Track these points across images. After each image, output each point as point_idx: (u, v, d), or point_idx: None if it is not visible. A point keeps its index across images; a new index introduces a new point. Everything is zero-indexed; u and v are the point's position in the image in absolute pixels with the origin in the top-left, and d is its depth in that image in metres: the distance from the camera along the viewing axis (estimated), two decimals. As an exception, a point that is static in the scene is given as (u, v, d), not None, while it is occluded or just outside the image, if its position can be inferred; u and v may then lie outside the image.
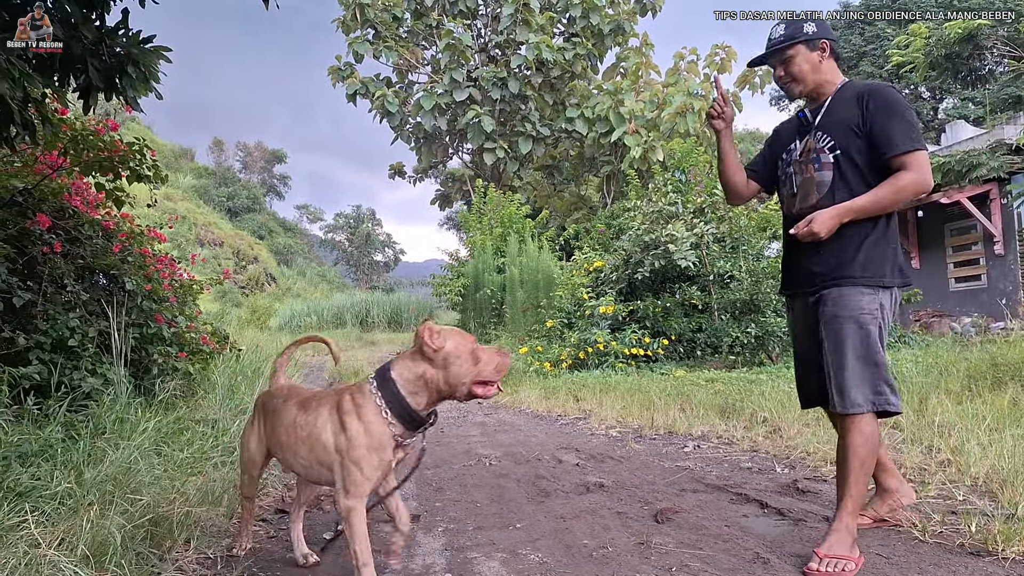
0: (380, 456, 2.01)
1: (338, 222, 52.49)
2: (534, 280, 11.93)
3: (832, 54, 2.50)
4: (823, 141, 2.43)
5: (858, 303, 2.30)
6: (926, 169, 2.28)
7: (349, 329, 21.19)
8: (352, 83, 17.06)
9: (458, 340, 2.02)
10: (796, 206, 2.49)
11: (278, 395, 2.37)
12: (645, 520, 2.91)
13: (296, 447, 2.15)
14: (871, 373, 2.26)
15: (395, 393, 2.00)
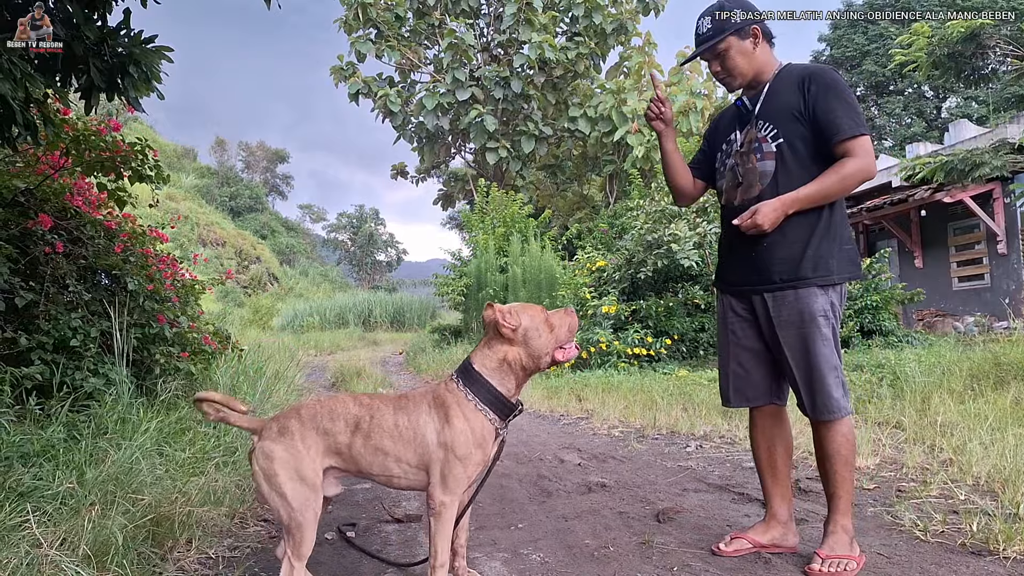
0: (483, 451, 2.02)
1: (341, 222, 52.55)
2: (537, 280, 11.93)
3: (764, 37, 2.38)
4: (765, 129, 2.33)
5: (814, 306, 2.23)
6: (870, 154, 2.19)
7: (352, 329, 21.21)
8: (354, 83, 17.07)
9: (531, 313, 2.06)
10: (738, 198, 2.39)
11: (334, 407, 2.08)
12: (647, 520, 2.91)
13: (400, 451, 2.01)
14: (833, 378, 2.22)
15: (483, 384, 2.02)
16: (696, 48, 2.43)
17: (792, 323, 2.26)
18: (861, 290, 9.97)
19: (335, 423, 2.02)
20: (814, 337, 2.23)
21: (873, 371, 6.50)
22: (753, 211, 2.23)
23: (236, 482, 3.19)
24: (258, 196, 44.26)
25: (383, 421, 2.02)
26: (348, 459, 2.03)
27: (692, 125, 14.92)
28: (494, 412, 2.02)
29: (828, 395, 2.21)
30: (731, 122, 2.51)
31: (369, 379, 9.27)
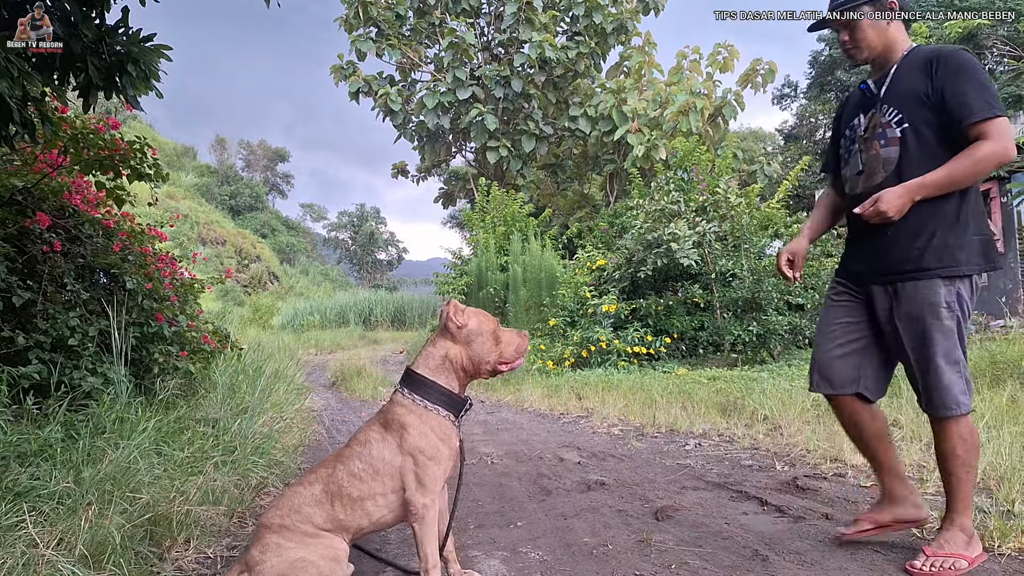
0: (449, 446, 2.06)
1: (342, 220, 52.56)
2: (537, 279, 11.93)
3: (900, 15, 2.28)
4: (890, 114, 2.22)
5: (936, 298, 2.13)
6: (1008, 137, 2.06)
7: (352, 328, 21.20)
8: (355, 81, 17.06)
9: (480, 319, 2.10)
10: (860, 186, 2.30)
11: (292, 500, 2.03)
12: (646, 518, 2.91)
13: (372, 488, 2.00)
14: (955, 374, 2.13)
15: (428, 384, 2.06)
16: (828, 11, 2.34)
17: (913, 316, 2.17)
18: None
19: (304, 511, 1.99)
20: (935, 330, 2.13)
21: (872, 370, 6.49)
22: (875, 199, 2.14)
23: (235, 482, 3.19)
24: (258, 195, 44.25)
25: (340, 477, 2.01)
26: (339, 530, 2.01)
27: (692, 125, 14.90)
28: (445, 409, 2.05)
29: (946, 390, 2.12)
30: (855, 107, 2.41)
31: (369, 378, 9.27)
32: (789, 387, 5.93)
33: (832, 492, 3.14)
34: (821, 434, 4.14)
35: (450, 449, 2.06)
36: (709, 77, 16.09)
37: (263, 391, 4.65)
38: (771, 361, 8.29)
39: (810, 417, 4.70)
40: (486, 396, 7.97)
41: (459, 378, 2.10)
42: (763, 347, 8.49)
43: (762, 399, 5.32)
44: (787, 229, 10.63)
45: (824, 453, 3.81)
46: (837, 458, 3.71)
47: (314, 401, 6.83)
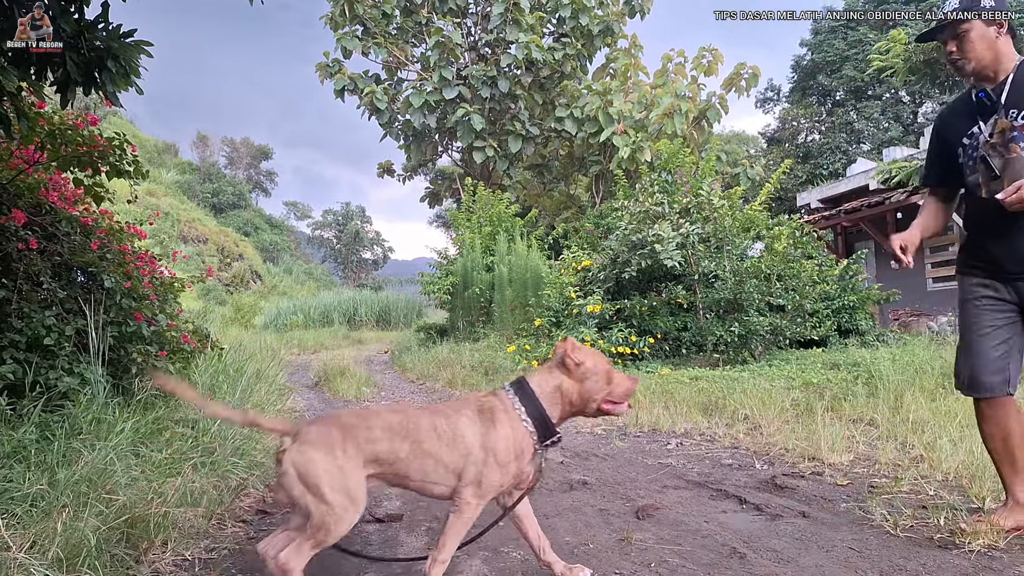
0: (519, 464, 2.08)
1: (326, 219, 52.27)
2: (523, 279, 11.93)
3: (1008, 30, 2.34)
4: (1022, 118, 2.28)
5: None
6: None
7: (336, 327, 21.09)
8: (340, 79, 16.97)
9: (596, 359, 2.16)
10: (1004, 188, 2.29)
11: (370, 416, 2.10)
12: (627, 517, 2.93)
13: (441, 454, 2.03)
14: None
15: (534, 401, 2.10)
16: (938, 23, 2.38)
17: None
18: (839, 290, 10.09)
19: (372, 431, 2.03)
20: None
21: (849, 370, 6.58)
22: (1019, 186, 2.17)
23: (214, 483, 3.17)
24: (241, 193, 43.89)
25: (422, 425, 2.05)
26: (387, 467, 2.03)
27: (677, 127, 14.99)
28: (536, 429, 2.08)
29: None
30: (967, 116, 2.45)
31: (353, 378, 9.23)
32: (769, 387, 6.00)
33: (809, 491, 3.18)
34: (800, 433, 4.19)
35: (518, 467, 2.08)
36: (694, 80, 16.19)
37: (244, 391, 4.62)
38: (752, 361, 8.36)
39: (789, 416, 4.75)
40: (470, 396, 7.97)
41: (564, 411, 2.15)
42: (744, 347, 8.56)
43: (743, 399, 5.37)
44: (768, 231, 10.71)
45: (802, 452, 3.85)
46: (815, 457, 3.75)
47: (296, 402, 6.80)
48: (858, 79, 27.07)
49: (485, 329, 12.14)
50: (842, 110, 29.33)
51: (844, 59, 28.49)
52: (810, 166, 27.81)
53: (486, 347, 10.61)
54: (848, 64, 28.07)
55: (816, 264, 10.22)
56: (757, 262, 9.37)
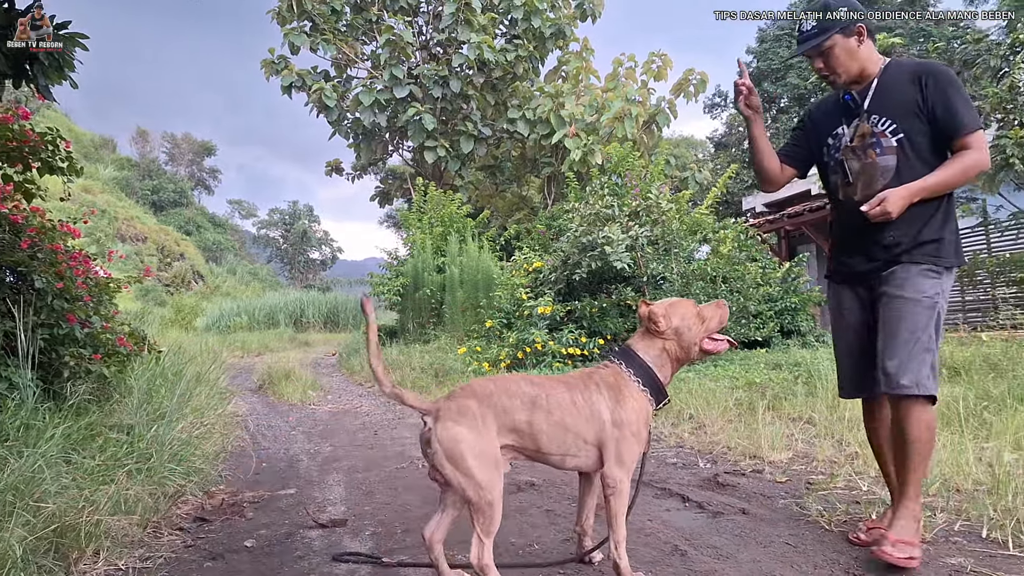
0: (647, 430, 2.15)
1: (272, 218, 51.21)
2: (474, 280, 11.92)
3: (868, 35, 2.39)
4: (883, 124, 2.34)
5: (921, 286, 2.26)
6: (986, 148, 2.26)
7: (282, 329, 20.65)
8: (288, 76, 16.64)
9: (682, 312, 2.21)
10: (858, 194, 2.38)
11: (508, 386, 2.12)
12: (573, 517, 2.95)
13: (580, 427, 2.09)
14: (924, 357, 2.20)
15: (645, 368, 2.16)
16: (799, 46, 2.45)
17: (896, 297, 2.28)
18: (781, 292, 10.41)
19: (512, 400, 2.08)
20: (915, 314, 2.24)
21: (790, 369, 6.80)
22: (881, 199, 2.23)
23: (150, 490, 3.07)
24: (183, 190, 42.61)
25: (560, 398, 2.09)
26: (526, 437, 2.09)
27: (628, 131, 15.20)
28: (652, 395, 2.16)
29: (917, 369, 2.19)
30: (834, 115, 2.51)
31: (298, 381, 9.06)
32: (714, 387, 6.14)
33: (750, 488, 3.27)
34: (742, 432, 4.31)
35: (647, 433, 2.16)
36: (644, 85, 16.45)
37: (183, 395, 4.48)
38: (698, 361, 8.55)
39: (732, 416, 4.87)
40: (419, 398, 7.91)
41: (673, 368, 2.22)
42: (691, 348, 8.74)
43: (688, 399, 5.49)
44: (715, 235, 10.97)
45: (744, 450, 3.96)
46: (756, 455, 3.86)
47: (238, 406, 6.64)
48: (801, 87, 27.95)
49: (436, 330, 12.08)
50: (786, 116, 30.25)
51: (788, 67, 29.38)
52: (755, 171, 28.55)
53: (437, 349, 10.56)
54: (792, 72, 28.96)
55: (760, 267, 10.52)
56: (703, 264, 9.59)
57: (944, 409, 4.16)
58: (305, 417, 7.02)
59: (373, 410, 7.34)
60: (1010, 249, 11.17)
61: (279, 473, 4.35)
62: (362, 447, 5.16)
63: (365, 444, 5.28)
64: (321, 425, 6.45)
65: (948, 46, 13.39)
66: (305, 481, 4.07)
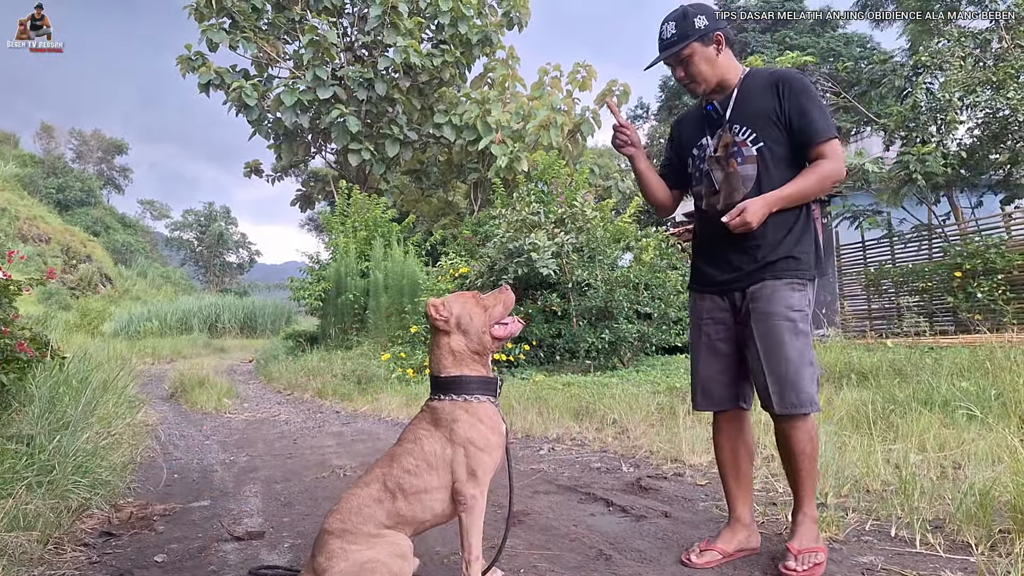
0: (499, 435, 2.11)
1: (187, 219, 49.07)
2: (399, 285, 11.78)
3: (727, 43, 2.40)
4: (743, 134, 2.34)
5: (789, 300, 2.26)
6: (842, 157, 2.27)
7: (196, 335, 19.82)
8: (205, 73, 15.99)
9: (461, 302, 2.16)
10: (721, 203, 2.37)
11: (351, 502, 2.04)
12: (497, 524, 2.94)
13: (428, 482, 2.03)
14: (809, 373, 2.23)
15: (456, 379, 2.10)
16: (660, 53, 2.41)
17: (769, 315, 2.26)
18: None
19: (365, 511, 2.00)
20: (789, 331, 2.23)
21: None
22: (741, 209, 2.22)
23: (51, 505, 2.87)
24: (91, 189, 40.22)
25: (396, 474, 2.03)
26: (402, 526, 2.03)
27: (552, 140, 15.41)
28: (484, 394, 2.11)
29: (801, 389, 2.20)
30: (698, 126, 2.50)
31: (213, 389, 8.70)
32: (636, 391, 6.29)
33: (672, 491, 3.36)
34: (664, 436, 4.43)
35: (499, 437, 2.11)
36: (569, 94, 16.72)
37: (88, 404, 4.22)
38: (621, 367, 8.74)
39: (654, 420, 5.01)
40: (342, 407, 7.75)
41: (479, 360, 2.15)
42: (614, 354, 8.94)
43: (612, 403, 5.60)
44: (637, 242, 11.27)
45: (665, 454, 4.08)
46: (677, 458, 3.98)
47: (149, 415, 6.31)
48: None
49: (359, 336, 11.87)
50: (704, 131, 31.41)
51: (706, 83, 30.59)
52: (675, 182, 29.54)
53: (359, 355, 10.37)
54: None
55: (680, 274, 10.87)
56: (626, 272, 9.83)
57: (854, 413, 4.40)
58: (220, 426, 6.75)
59: (292, 418, 7.13)
60: (913, 260, 11.88)
61: (192, 484, 4.16)
62: (280, 456, 5.01)
63: (284, 453, 5.13)
64: (237, 434, 6.22)
65: (856, 66, 14.23)
66: (220, 492, 3.91)
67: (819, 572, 2.19)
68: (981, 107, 10.51)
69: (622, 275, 9.59)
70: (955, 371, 5.00)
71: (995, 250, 9.71)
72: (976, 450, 3.34)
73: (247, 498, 3.74)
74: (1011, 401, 4.08)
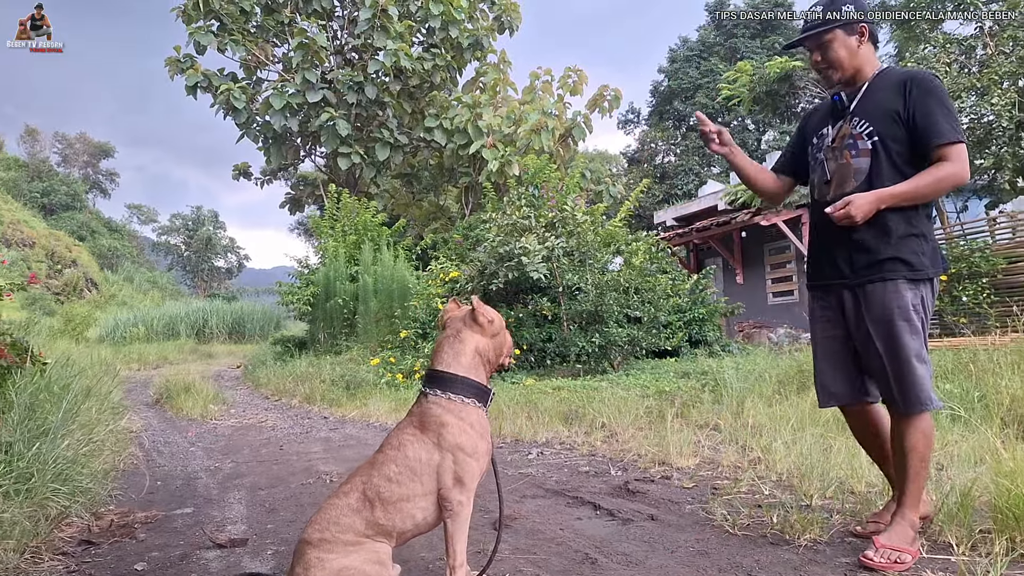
0: (486, 441, 2.08)
1: (174, 224, 48.82)
2: (389, 289, 11.73)
3: (870, 37, 2.39)
4: (861, 127, 2.34)
5: (905, 300, 2.25)
6: (966, 162, 2.23)
7: (183, 340, 19.66)
8: (193, 75, 15.90)
9: (501, 316, 2.23)
10: (830, 193, 2.39)
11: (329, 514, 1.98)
12: (484, 528, 2.93)
13: (411, 490, 1.98)
14: (926, 372, 2.25)
15: (460, 380, 2.08)
16: (801, 34, 2.43)
17: (883, 317, 2.26)
18: (690, 303, 10.80)
19: (343, 521, 1.94)
20: (904, 330, 2.24)
21: (698, 378, 7.05)
22: (846, 202, 2.22)
23: (29, 513, 2.82)
24: (76, 193, 39.96)
25: (377, 483, 1.98)
26: (383, 535, 1.98)
27: (544, 143, 15.42)
28: (479, 402, 2.10)
29: (920, 387, 2.23)
30: (825, 116, 2.52)
31: (199, 395, 8.61)
32: (626, 395, 6.28)
33: (659, 494, 3.34)
34: (652, 439, 4.41)
35: (487, 444, 2.09)
36: (560, 99, 16.75)
37: (69, 410, 4.16)
38: (611, 371, 8.73)
39: (643, 424, 4.99)
40: (330, 412, 7.69)
41: (487, 371, 2.17)
42: (604, 358, 8.92)
43: (601, 407, 5.58)
44: (628, 247, 11.28)
45: (653, 457, 4.05)
46: (664, 461, 3.96)
47: (132, 421, 6.25)
48: (710, 106, 29.28)
49: (348, 341, 11.80)
50: (695, 135, 31.54)
51: (697, 87, 30.75)
52: (666, 186, 29.68)
53: (348, 360, 10.30)
54: (701, 92, 30.32)
55: (670, 278, 10.88)
56: (617, 276, 9.82)
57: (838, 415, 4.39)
58: (206, 432, 6.68)
59: (279, 424, 7.07)
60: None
61: (175, 492, 4.11)
62: (266, 463, 4.95)
63: (270, 460, 5.07)
64: (223, 440, 6.15)
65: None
66: (204, 499, 3.86)
67: (899, 570, 2.16)
68: (966, 113, 10.60)
69: (612, 279, 9.58)
70: (939, 373, 5.01)
71: (980, 254, 9.79)
72: (959, 451, 3.35)
73: (231, 505, 3.69)
74: (994, 403, 4.11)
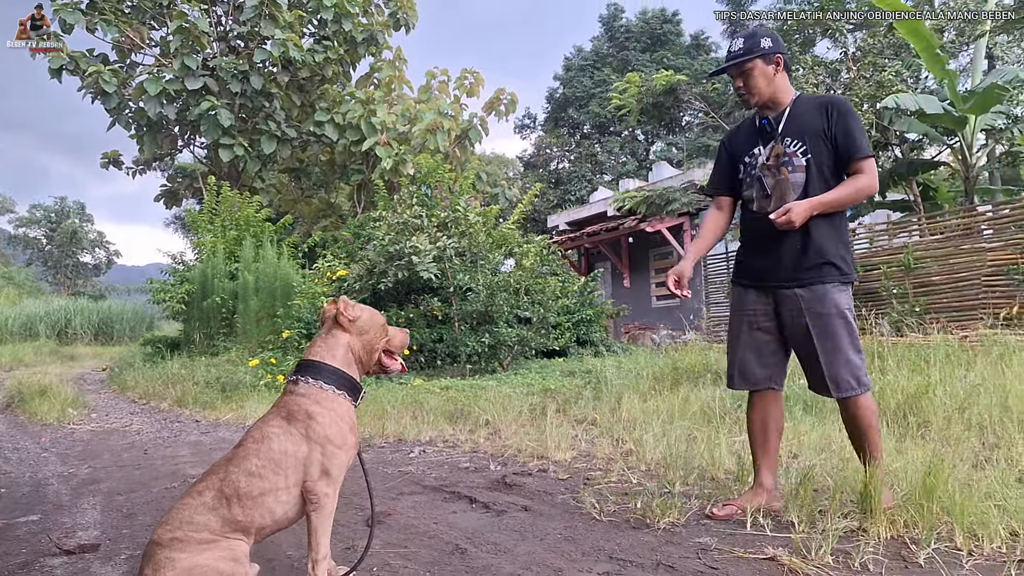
0: (355, 433, 2.07)
1: (34, 215, 44.69)
2: (271, 288, 11.25)
3: (784, 67, 2.71)
4: (794, 146, 2.65)
5: (839, 300, 2.58)
6: (876, 174, 2.60)
7: (43, 341, 18.03)
8: (57, 57, 14.57)
9: (371, 312, 2.21)
10: (771, 205, 2.66)
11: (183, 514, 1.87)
12: (356, 526, 2.86)
13: (273, 483, 1.91)
14: (859, 359, 2.57)
15: (332, 371, 2.06)
16: (726, 63, 2.73)
17: (823, 314, 2.57)
18: (578, 305, 11.08)
19: (197, 520, 1.85)
20: (841, 326, 2.56)
21: (583, 376, 7.24)
22: (787, 209, 2.52)
23: None
24: (-83, 177, 35.74)
25: (235, 479, 1.90)
26: (240, 533, 1.89)
27: (439, 143, 15.34)
28: (349, 395, 2.08)
29: (857, 370, 2.54)
30: (750, 137, 2.81)
31: (56, 398, 7.91)
32: (512, 393, 6.35)
33: (535, 486, 3.39)
34: (532, 435, 4.47)
35: (355, 436, 2.07)
36: (456, 100, 16.72)
37: None
38: (501, 371, 8.80)
39: (525, 420, 5.05)
40: (203, 415, 7.28)
41: (360, 369, 2.16)
42: (494, 357, 8.98)
43: (487, 405, 5.61)
44: (520, 249, 11.43)
45: (532, 452, 4.11)
46: (543, 456, 4.02)
47: (-28, 426, 5.65)
48: (602, 115, 30.27)
49: (226, 342, 11.21)
50: (588, 142, 32.56)
51: (591, 96, 31.66)
52: (560, 191, 30.35)
53: (226, 361, 9.78)
54: (594, 101, 31.24)
55: (560, 280, 11.12)
56: (508, 277, 9.92)
57: (706, 408, 4.66)
58: (62, 437, 6.15)
59: (145, 428, 6.61)
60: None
61: (20, 499, 3.77)
62: (127, 467, 4.62)
63: (132, 464, 4.73)
64: (80, 446, 5.68)
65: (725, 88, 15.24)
66: (53, 506, 3.56)
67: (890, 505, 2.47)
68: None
69: (503, 280, 9.66)
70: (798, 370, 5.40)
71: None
72: (809, 440, 3.62)
73: (84, 511, 3.42)
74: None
